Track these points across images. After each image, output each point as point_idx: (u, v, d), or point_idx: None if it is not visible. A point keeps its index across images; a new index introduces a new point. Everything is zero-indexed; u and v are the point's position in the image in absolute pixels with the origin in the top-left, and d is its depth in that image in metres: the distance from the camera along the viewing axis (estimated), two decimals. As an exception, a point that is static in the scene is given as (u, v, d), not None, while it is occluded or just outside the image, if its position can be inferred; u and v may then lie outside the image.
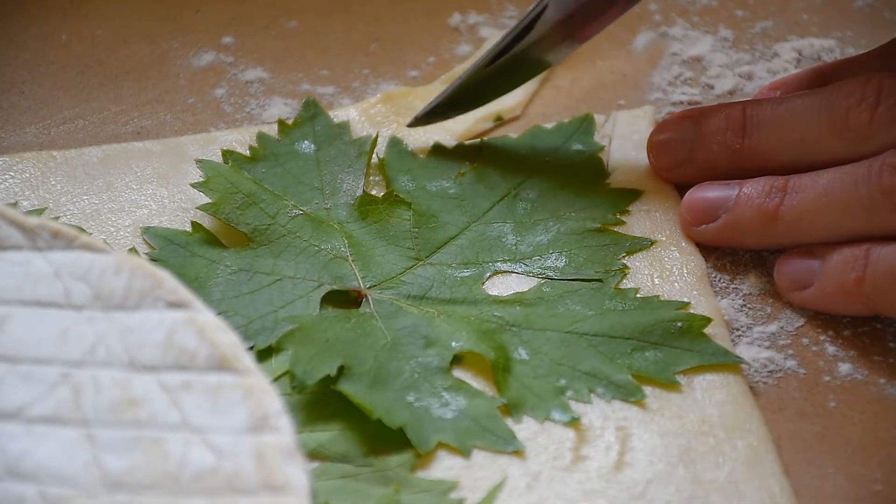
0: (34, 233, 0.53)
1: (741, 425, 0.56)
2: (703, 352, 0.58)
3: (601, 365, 0.57)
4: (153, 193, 0.66)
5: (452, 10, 0.78)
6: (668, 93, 0.73)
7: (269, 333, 0.58)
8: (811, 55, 0.75)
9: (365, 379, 0.56)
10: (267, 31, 0.77)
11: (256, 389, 0.49)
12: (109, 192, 0.66)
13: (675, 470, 0.54)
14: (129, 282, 0.52)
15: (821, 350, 0.60)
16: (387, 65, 0.75)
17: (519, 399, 0.56)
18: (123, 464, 0.48)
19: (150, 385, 0.49)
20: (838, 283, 0.59)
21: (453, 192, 0.66)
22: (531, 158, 0.67)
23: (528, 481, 0.54)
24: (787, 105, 0.63)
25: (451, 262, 0.62)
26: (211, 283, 0.60)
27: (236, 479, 0.47)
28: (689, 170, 0.65)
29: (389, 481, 0.53)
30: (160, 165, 0.67)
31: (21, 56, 0.75)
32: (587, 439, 0.55)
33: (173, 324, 0.51)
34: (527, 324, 0.59)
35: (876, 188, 0.58)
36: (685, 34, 0.76)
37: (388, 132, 0.69)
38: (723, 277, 0.63)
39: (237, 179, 0.64)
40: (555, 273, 0.62)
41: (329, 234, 0.63)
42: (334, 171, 0.66)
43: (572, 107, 0.72)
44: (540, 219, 0.64)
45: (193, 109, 0.72)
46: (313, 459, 0.54)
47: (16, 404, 0.49)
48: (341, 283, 0.61)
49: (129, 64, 0.75)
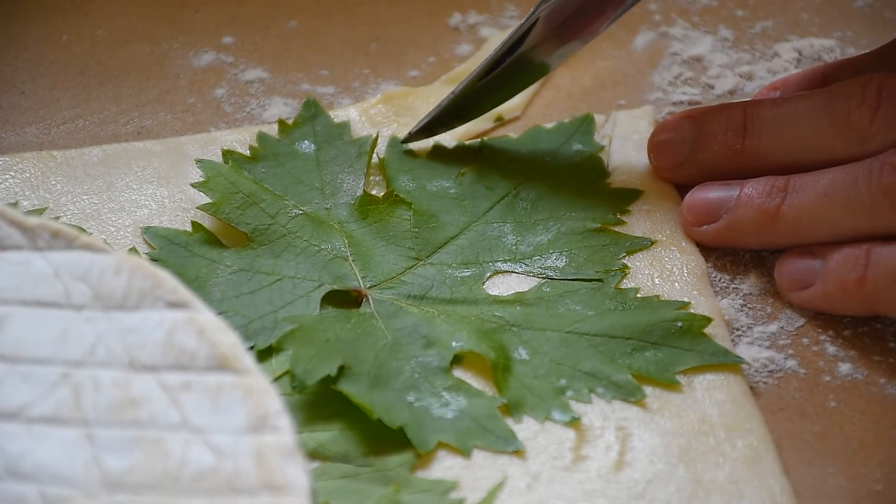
0: (34, 233, 0.53)
1: (741, 425, 0.56)
2: (703, 352, 0.58)
3: (601, 365, 0.57)
4: (153, 193, 0.66)
5: (452, 10, 0.78)
6: (668, 93, 0.73)
7: (269, 333, 0.58)
8: (811, 55, 0.75)
9: (365, 379, 0.56)
10: (267, 31, 0.77)
11: (256, 389, 0.49)
12: (109, 192, 0.66)
13: (675, 470, 0.54)
14: (130, 282, 0.52)
15: (821, 350, 0.60)
16: (387, 65, 0.75)
17: (519, 399, 0.56)
18: (123, 464, 0.48)
19: (150, 385, 0.49)
20: (839, 283, 0.59)
21: (453, 192, 0.66)
22: (531, 158, 0.67)
23: (529, 481, 0.54)
24: (788, 105, 0.63)
25: (451, 262, 0.62)
26: (211, 283, 0.60)
27: (236, 479, 0.47)
28: (689, 170, 0.65)
29: (389, 481, 0.53)
30: (160, 165, 0.67)
31: (21, 56, 0.75)
32: (587, 439, 0.55)
33: (173, 324, 0.51)
34: (527, 324, 0.59)
35: (876, 187, 0.58)
36: (685, 34, 0.76)
37: (388, 132, 0.69)
38: (723, 277, 0.63)
39: (237, 179, 0.64)
40: (555, 273, 0.62)
41: (329, 234, 0.63)
42: (334, 171, 0.66)
43: (572, 107, 0.72)
44: (540, 219, 0.64)
45: (193, 109, 0.72)
46: (313, 459, 0.54)
47: (16, 404, 0.49)
48: (341, 283, 0.61)
49: (129, 64, 0.75)
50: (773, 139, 0.63)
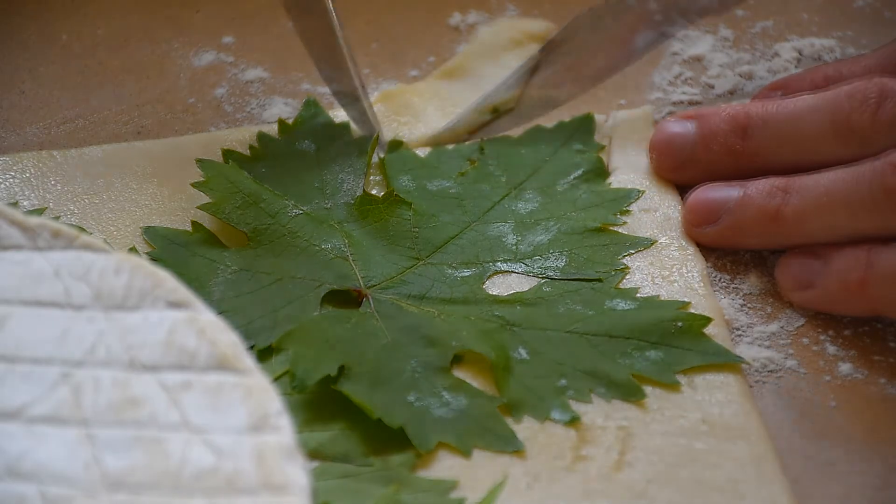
0: (34, 232, 0.53)
1: (741, 425, 0.56)
2: (703, 352, 0.58)
3: (601, 365, 0.57)
4: (153, 193, 0.66)
5: (452, 10, 0.78)
6: (669, 93, 0.73)
7: (270, 333, 0.58)
8: (811, 55, 0.75)
9: (365, 379, 0.56)
10: (267, 31, 0.77)
11: (256, 389, 0.49)
12: (109, 192, 0.66)
13: (675, 470, 0.54)
14: (130, 281, 0.52)
15: (821, 350, 0.60)
16: (387, 64, 0.75)
17: (519, 399, 0.56)
18: (123, 463, 0.48)
19: (151, 385, 0.49)
20: (840, 283, 0.59)
21: (453, 191, 0.66)
22: (531, 158, 0.67)
23: (529, 481, 0.54)
24: (789, 106, 0.63)
25: (451, 262, 0.62)
26: (211, 282, 0.60)
27: (236, 479, 0.47)
28: (690, 170, 0.65)
29: (390, 481, 0.53)
30: (160, 165, 0.67)
31: (21, 56, 0.75)
32: (587, 439, 0.55)
33: (173, 323, 0.51)
34: (527, 323, 0.59)
35: (878, 187, 0.58)
36: (685, 34, 0.76)
37: (388, 131, 0.69)
38: (723, 277, 0.63)
39: (237, 179, 0.64)
40: (555, 273, 0.62)
41: (329, 233, 0.63)
42: (335, 170, 0.66)
43: (572, 107, 0.72)
44: (540, 219, 0.64)
45: (193, 109, 0.72)
46: (313, 459, 0.54)
47: (16, 404, 0.49)
48: (341, 283, 0.61)
49: (129, 64, 0.75)
50: (774, 140, 0.63)
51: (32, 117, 0.71)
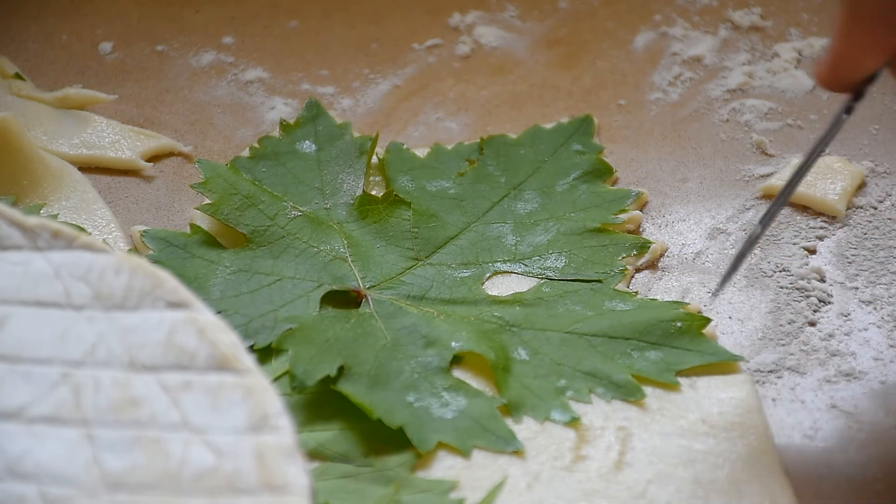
0: (34, 232, 0.53)
1: (741, 425, 0.56)
2: (703, 352, 0.58)
3: (601, 365, 0.57)
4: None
5: (452, 10, 0.78)
6: (669, 93, 0.73)
7: (269, 332, 0.58)
8: (811, 55, 0.75)
9: (365, 379, 0.56)
10: (267, 31, 0.77)
11: (256, 389, 0.49)
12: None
13: (675, 470, 0.54)
14: (130, 282, 0.52)
15: (821, 350, 0.60)
16: (387, 65, 0.75)
17: (519, 399, 0.56)
18: (123, 464, 0.48)
19: (151, 385, 0.49)
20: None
21: (453, 192, 0.66)
22: (531, 159, 0.67)
23: (529, 481, 0.54)
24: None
25: (450, 262, 0.62)
26: (210, 283, 0.60)
27: (236, 479, 0.47)
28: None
29: (389, 481, 0.53)
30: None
31: (21, 56, 0.75)
32: (587, 439, 0.55)
33: (173, 324, 0.51)
34: (527, 324, 0.59)
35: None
36: (685, 34, 0.76)
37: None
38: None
39: (236, 180, 0.64)
40: (555, 273, 0.62)
41: (328, 234, 0.63)
42: (335, 170, 0.66)
43: (572, 107, 0.72)
44: (540, 219, 0.64)
45: (193, 109, 0.72)
46: (313, 459, 0.54)
47: (16, 404, 0.49)
48: (341, 284, 0.61)
49: (129, 64, 0.75)
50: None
51: (32, 117, 0.71)
